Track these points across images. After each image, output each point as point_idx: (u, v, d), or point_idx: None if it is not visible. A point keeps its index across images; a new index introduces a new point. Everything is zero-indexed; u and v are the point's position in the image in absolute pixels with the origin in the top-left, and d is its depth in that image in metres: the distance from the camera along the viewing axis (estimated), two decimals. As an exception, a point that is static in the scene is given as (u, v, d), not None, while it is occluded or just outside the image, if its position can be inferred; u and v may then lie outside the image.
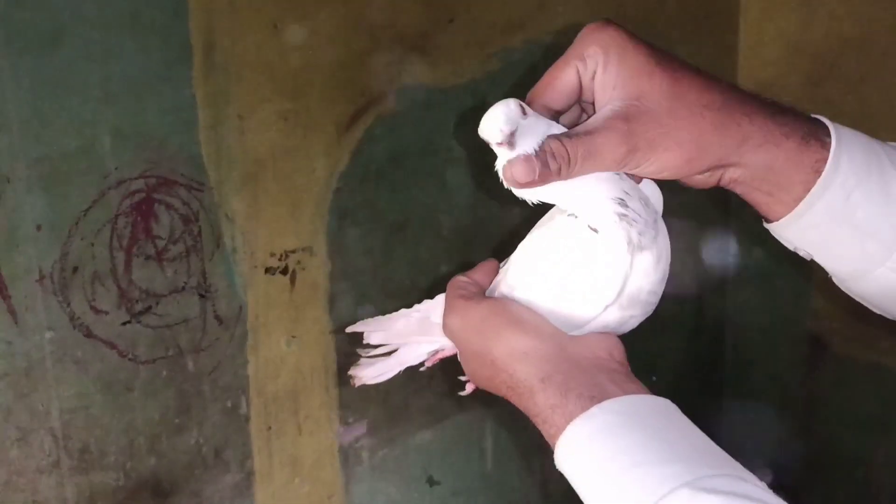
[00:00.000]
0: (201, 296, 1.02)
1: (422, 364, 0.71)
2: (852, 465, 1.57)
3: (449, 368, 1.29)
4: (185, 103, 0.96)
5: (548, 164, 0.53)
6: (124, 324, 0.96)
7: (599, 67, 0.54)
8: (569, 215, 0.58)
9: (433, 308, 0.67)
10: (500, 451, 1.40)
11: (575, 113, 0.60)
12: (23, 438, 0.91)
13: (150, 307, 0.98)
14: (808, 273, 1.55)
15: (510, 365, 0.56)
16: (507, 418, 1.39)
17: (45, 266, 0.89)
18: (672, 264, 0.62)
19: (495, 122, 0.52)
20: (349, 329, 0.72)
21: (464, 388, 0.68)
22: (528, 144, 0.53)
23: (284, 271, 1.09)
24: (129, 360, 0.97)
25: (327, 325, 1.14)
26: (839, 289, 0.63)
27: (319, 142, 1.08)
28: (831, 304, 1.54)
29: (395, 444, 1.26)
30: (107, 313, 0.94)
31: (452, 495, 1.34)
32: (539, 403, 0.54)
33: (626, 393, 0.52)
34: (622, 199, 0.55)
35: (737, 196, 0.60)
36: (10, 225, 0.86)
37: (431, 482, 1.32)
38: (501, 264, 0.66)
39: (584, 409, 0.51)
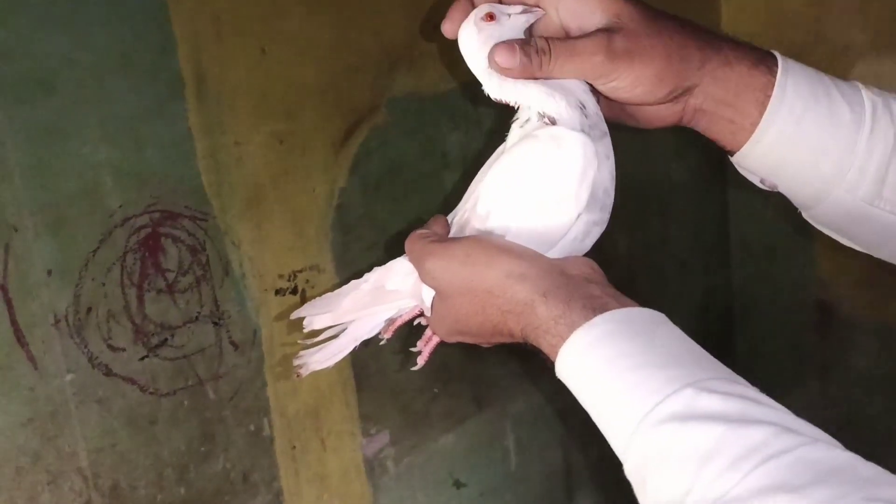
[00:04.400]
0: (215, 323, 1.03)
1: (379, 337, 0.70)
2: (870, 427, 1.58)
3: (468, 369, 1.30)
4: (182, 136, 0.97)
5: (530, 55, 0.58)
6: (142, 359, 0.97)
7: None
8: (524, 120, 0.61)
9: (386, 274, 0.67)
10: (521, 449, 1.41)
11: None
12: (53, 482, 0.92)
13: (165, 340, 0.99)
14: (812, 241, 1.57)
15: (509, 287, 0.57)
16: (526, 415, 1.41)
17: (59, 310, 0.90)
18: (676, 239, 0.65)
19: (482, 8, 0.60)
20: (294, 315, 0.70)
21: (416, 364, 0.68)
22: (511, 33, 0.60)
23: (294, 291, 1.10)
24: (151, 393, 0.98)
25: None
26: (844, 255, 0.66)
27: (317, 160, 1.09)
28: (837, 270, 1.55)
29: (419, 451, 1.27)
30: (124, 350, 0.95)
31: (480, 496, 1.35)
32: (541, 315, 0.56)
33: (623, 305, 0.55)
34: (580, 100, 0.60)
35: (734, 169, 0.64)
36: (21, 273, 0.87)
37: (458, 485, 1.33)
38: (449, 216, 0.68)
39: (587, 318, 0.54)
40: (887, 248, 0.63)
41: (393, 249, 1.18)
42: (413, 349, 0.68)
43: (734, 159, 0.63)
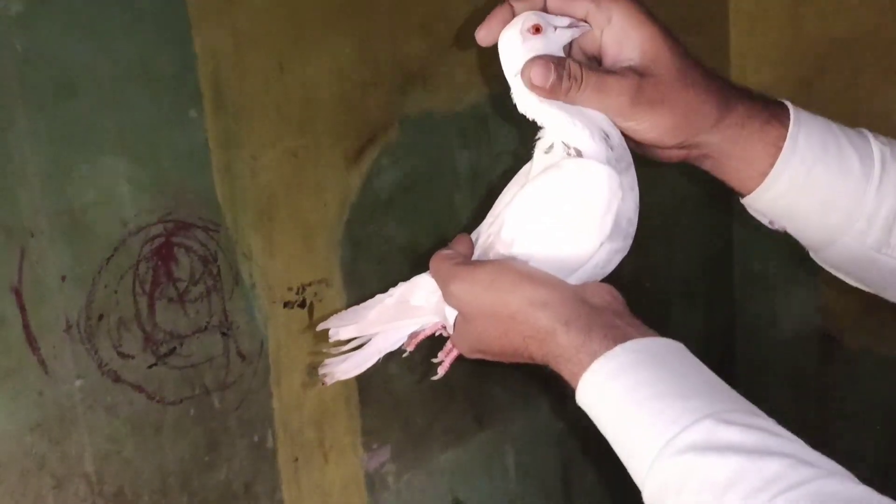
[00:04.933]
0: (223, 334, 1.04)
1: (402, 350, 0.71)
2: (870, 459, 1.58)
3: (470, 387, 1.31)
4: (198, 147, 0.98)
5: (562, 78, 0.59)
6: (151, 367, 0.98)
7: (616, 23, 0.59)
8: (547, 147, 0.62)
9: (410, 290, 0.69)
10: (521, 468, 1.41)
11: None
12: (58, 486, 0.92)
13: (174, 349, 1.00)
14: (815, 271, 1.57)
15: (531, 314, 0.58)
16: (527, 435, 1.41)
17: (71, 316, 0.91)
18: (678, 267, 0.66)
19: (529, 17, 0.60)
20: (320, 327, 0.71)
21: (436, 373, 0.69)
22: (553, 48, 0.60)
23: (302, 304, 1.11)
24: (157, 401, 0.98)
25: (347, 354, 1.15)
26: (847, 287, 0.68)
27: (329, 175, 1.10)
28: (840, 300, 1.56)
29: (420, 468, 1.27)
30: (133, 357, 0.96)
31: (479, 514, 1.36)
32: (562, 344, 0.57)
33: (643, 334, 0.56)
34: (605, 131, 0.61)
35: (739, 202, 0.65)
36: (35, 278, 0.88)
37: (457, 502, 1.33)
38: (472, 235, 0.68)
39: (608, 348, 0.55)
40: (893, 290, 0.64)
41: (402, 266, 1.19)
42: (434, 360, 0.69)
43: (743, 201, 0.64)
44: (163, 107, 0.95)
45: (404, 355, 0.71)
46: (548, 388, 1.41)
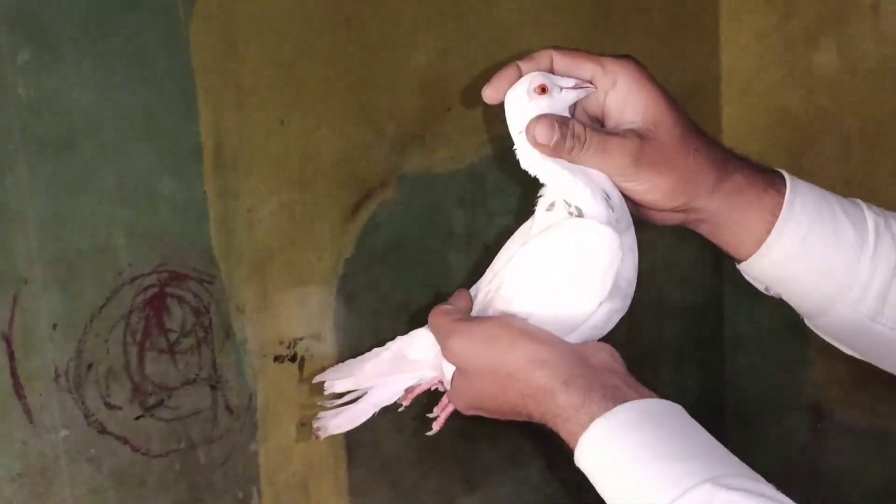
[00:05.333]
0: (212, 387, 1.03)
1: (398, 405, 0.70)
2: (862, 533, 1.57)
3: (460, 447, 1.29)
4: (197, 199, 0.99)
5: (566, 137, 0.60)
6: (137, 418, 0.96)
7: (621, 87, 0.60)
8: (548, 205, 0.63)
9: (408, 344, 0.68)
10: (509, 532, 1.39)
11: None
12: (36, 539, 0.90)
13: (162, 400, 0.98)
14: (806, 341, 1.58)
15: (530, 373, 0.58)
16: (517, 497, 1.39)
17: (60, 364, 0.90)
18: (671, 329, 0.66)
19: (536, 77, 0.61)
20: (316, 379, 0.70)
21: (431, 429, 0.69)
22: (558, 107, 0.62)
23: (293, 358, 1.10)
24: (142, 454, 0.97)
25: (336, 411, 1.14)
26: (838, 358, 0.68)
27: (325, 230, 1.11)
28: (831, 373, 1.56)
29: (406, 529, 1.25)
30: (120, 408, 0.95)
31: (464, 579, 1.33)
32: (561, 404, 0.56)
33: (642, 396, 0.56)
34: (606, 191, 0.62)
35: (730, 265, 0.66)
36: (26, 325, 0.88)
37: (443, 567, 1.30)
38: (471, 290, 0.69)
39: (608, 408, 0.54)
40: (888, 360, 0.64)
41: (395, 323, 1.19)
42: (430, 415, 0.68)
43: (739, 267, 0.65)
44: (163, 158, 0.96)
45: (400, 409, 0.70)
46: (538, 450, 1.39)
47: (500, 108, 1.29)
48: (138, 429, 0.97)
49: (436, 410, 0.69)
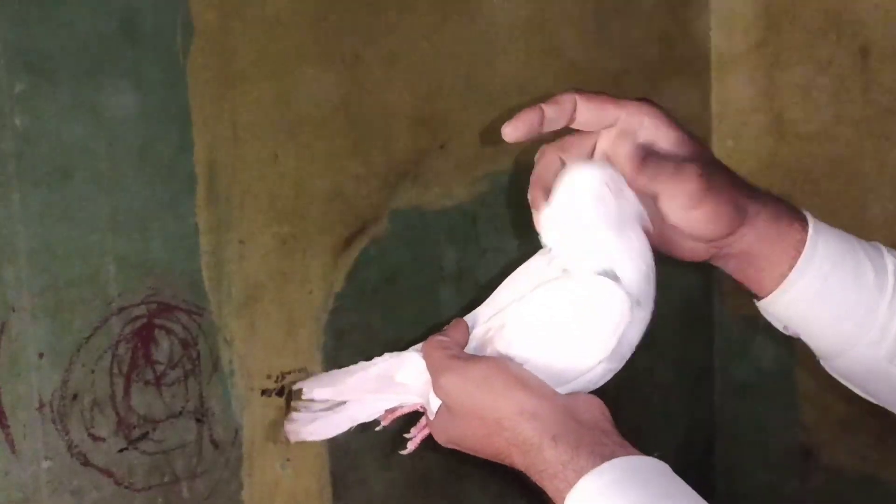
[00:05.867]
0: (198, 420, 1.02)
1: (377, 423, 0.68)
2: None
3: (447, 485, 1.28)
4: (188, 231, 0.99)
5: (650, 164, 0.59)
6: (121, 451, 0.96)
7: (649, 125, 0.62)
8: (563, 269, 0.61)
9: (396, 366, 0.66)
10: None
11: None
12: (14, 573, 0.89)
13: (147, 433, 0.98)
14: (795, 384, 1.58)
15: (518, 424, 0.57)
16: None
17: (45, 394, 0.89)
18: (661, 370, 0.66)
19: (609, 173, 0.60)
20: (296, 386, 0.69)
21: (405, 447, 0.67)
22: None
23: (280, 393, 1.10)
24: (126, 487, 0.96)
25: (322, 447, 1.13)
26: (827, 400, 0.68)
27: (317, 264, 1.11)
28: (820, 415, 1.56)
29: (391, 569, 1.23)
30: (104, 440, 0.94)
31: None
32: (548, 459, 0.55)
33: (629, 453, 0.55)
34: (650, 267, 0.61)
35: (720, 305, 0.66)
36: (12, 354, 0.87)
37: None
38: (468, 318, 0.67)
39: (595, 465, 0.54)
40: None
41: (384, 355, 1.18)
42: (406, 435, 0.67)
43: (759, 304, 0.65)
44: (156, 190, 0.97)
45: (377, 429, 0.69)
46: (526, 490, 1.38)
47: (494, 147, 1.30)
48: (122, 461, 0.96)
49: (413, 431, 0.68)
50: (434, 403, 0.63)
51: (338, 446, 1.14)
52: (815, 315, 0.62)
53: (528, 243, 0.66)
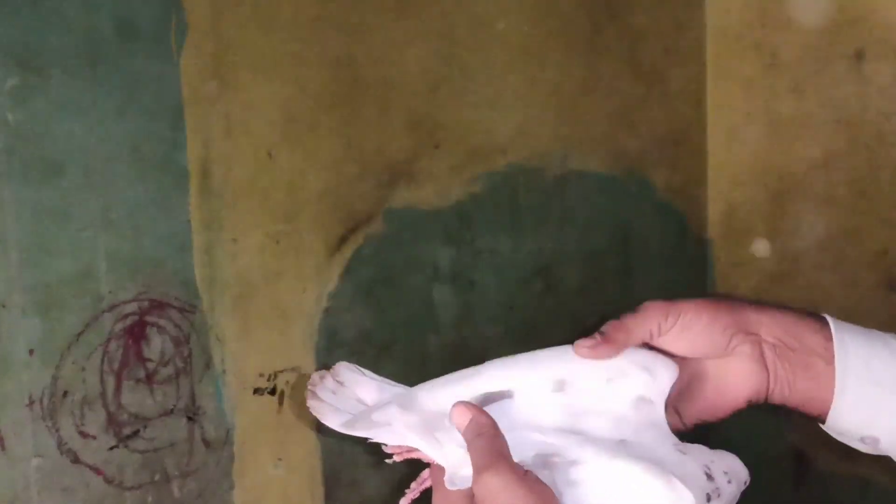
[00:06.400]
0: (189, 418, 1.01)
1: (388, 455, 0.63)
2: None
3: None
4: (181, 229, 0.98)
5: (606, 338, 0.60)
6: (111, 448, 0.95)
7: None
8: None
9: (439, 423, 0.61)
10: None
11: None
12: (2, 571, 0.88)
13: (137, 431, 0.97)
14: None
15: None
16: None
17: (35, 391, 0.89)
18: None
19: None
20: (310, 405, 0.64)
21: (390, 457, 0.63)
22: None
23: (273, 392, 1.09)
24: (116, 486, 0.95)
25: (315, 447, 1.13)
26: None
27: (310, 263, 1.11)
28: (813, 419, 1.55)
29: (383, 570, 1.23)
30: (94, 438, 0.94)
31: None
32: None
33: None
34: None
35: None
36: (2, 350, 0.87)
37: None
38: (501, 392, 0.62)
39: None
40: None
41: (378, 360, 1.18)
42: (407, 490, 0.64)
43: (828, 427, 0.64)
44: (149, 187, 0.96)
45: (388, 461, 0.65)
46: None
47: (489, 148, 1.29)
48: (112, 459, 0.95)
49: (413, 485, 0.64)
50: (459, 478, 0.59)
51: (330, 446, 1.14)
52: (884, 406, 0.61)
53: (522, 244, 0.66)
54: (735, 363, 0.62)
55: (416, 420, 0.61)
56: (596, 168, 1.43)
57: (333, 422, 0.63)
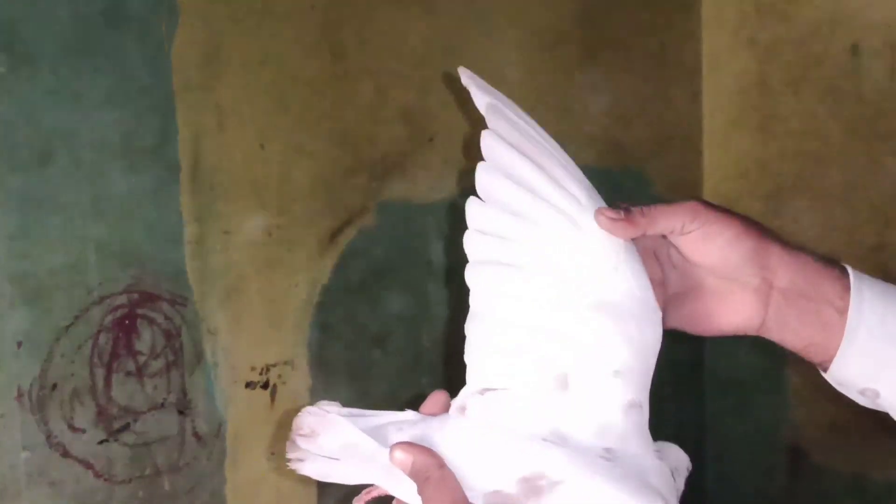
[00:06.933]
0: (181, 412, 1.00)
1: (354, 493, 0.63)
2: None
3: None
4: (172, 220, 0.97)
5: (632, 216, 0.58)
6: (101, 442, 0.94)
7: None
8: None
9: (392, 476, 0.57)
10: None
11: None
12: (-10, 566, 0.87)
13: (128, 425, 0.96)
14: (785, 384, 1.57)
15: None
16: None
17: (23, 383, 0.88)
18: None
19: None
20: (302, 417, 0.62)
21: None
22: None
23: (265, 385, 1.08)
24: (105, 480, 0.94)
25: (307, 441, 1.12)
26: (816, 401, 0.65)
27: (302, 256, 1.10)
28: (810, 416, 1.55)
29: (376, 566, 1.22)
30: (84, 431, 0.92)
31: None
32: None
33: None
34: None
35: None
36: (-10, 342, 0.85)
37: None
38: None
39: None
40: None
41: (370, 354, 1.17)
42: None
43: (829, 375, 0.62)
44: (140, 177, 0.95)
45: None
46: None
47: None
48: (102, 453, 0.94)
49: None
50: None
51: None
52: (886, 361, 0.58)
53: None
54: (737, 290, 0.60)
55: (369, 449, 0.57)
56: (591, 162, 1.42)
57: (313, 472, 0.60)
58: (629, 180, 1.48)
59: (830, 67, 1.47)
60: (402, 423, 0.59)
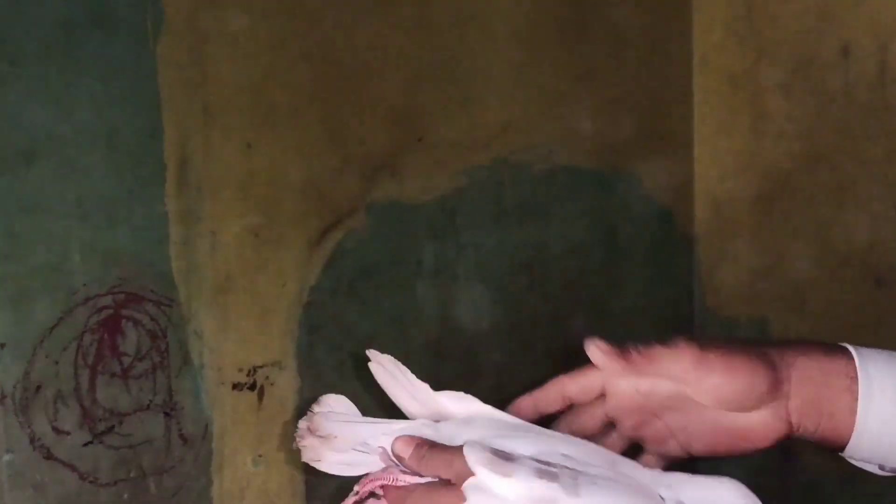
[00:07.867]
0: (166, 414, 1.00)
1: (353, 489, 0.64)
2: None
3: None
4: (158, 220, 0.97)
5: (629, 354, 0.62)
6: (86, 444, 0.93)
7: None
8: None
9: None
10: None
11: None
12: (-28, 570, 0.86)
13: (112, 427, 0.95)
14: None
15: None
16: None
17: (6, 386, 0.87)
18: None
19: None
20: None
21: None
22: None
23: (252, 387, 1.07)
24: (90, 482, 0.93)
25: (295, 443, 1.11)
26: None
27: (290, 256, 1.09)
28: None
29: (365, 568, 1.21)
30: (68, 434, 0.92)
31: None
32: None
33: None
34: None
35: (701, 306, 0.64)
36: (-28, 343, 0.85)
37: None
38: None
39: None
40: None
41: (360, 355, 1.16)
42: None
43: (846, 454, 0.63)
44: (125, 177, 0.94)
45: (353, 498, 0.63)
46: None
47: (473, 142, 1.28)
48: (87, 455, 0.93)
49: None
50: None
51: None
52: None
53: (507, 239, 0.65)
54: (756, 417, 0.62)
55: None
56: (582, 163, 1.42)
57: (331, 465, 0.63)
58: (620, 181, 1.48)
59: (821, 68, 1.47)
60: (413, 428, 0.61)
